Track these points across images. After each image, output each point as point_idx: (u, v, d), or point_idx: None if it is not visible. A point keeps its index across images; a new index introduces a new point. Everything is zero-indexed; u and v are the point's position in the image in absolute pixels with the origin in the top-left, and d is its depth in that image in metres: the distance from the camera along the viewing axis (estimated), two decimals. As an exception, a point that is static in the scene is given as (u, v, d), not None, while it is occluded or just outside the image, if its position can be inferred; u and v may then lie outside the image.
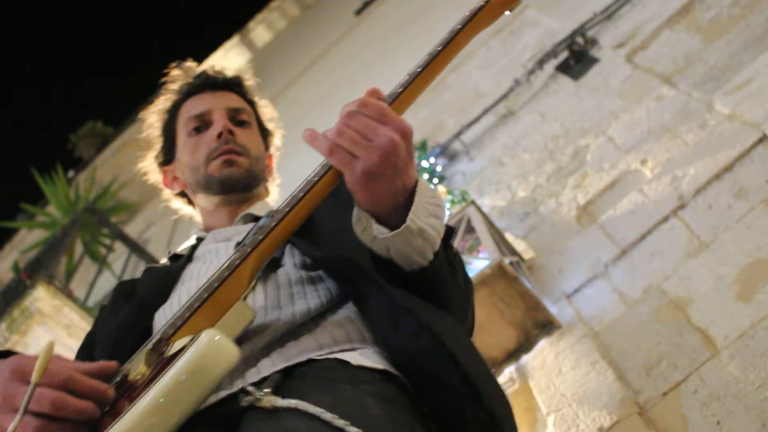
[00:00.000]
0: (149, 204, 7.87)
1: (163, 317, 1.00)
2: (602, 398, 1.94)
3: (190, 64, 1.41)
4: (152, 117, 1.39)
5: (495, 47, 4.17)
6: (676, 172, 2.41)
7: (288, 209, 0.87)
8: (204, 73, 1.37)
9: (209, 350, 0.72)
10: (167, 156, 1.36)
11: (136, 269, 5.29)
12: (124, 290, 1.17)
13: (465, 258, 2.37)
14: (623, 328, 2.12)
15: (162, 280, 1.11)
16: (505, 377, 2.23)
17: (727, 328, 1.89)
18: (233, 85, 1.37)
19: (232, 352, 0.73)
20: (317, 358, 0.84)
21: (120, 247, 5.56)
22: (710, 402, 1.77)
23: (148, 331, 0.99)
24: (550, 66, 3.45)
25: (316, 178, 0.87)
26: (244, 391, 0.80)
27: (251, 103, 1.39)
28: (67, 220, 5.28)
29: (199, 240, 1.23)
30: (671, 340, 1.98)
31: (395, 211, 0.85)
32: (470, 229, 2.54)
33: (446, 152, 3.52)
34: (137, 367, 0.80)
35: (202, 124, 1.29)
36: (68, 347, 3.76)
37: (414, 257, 0.87)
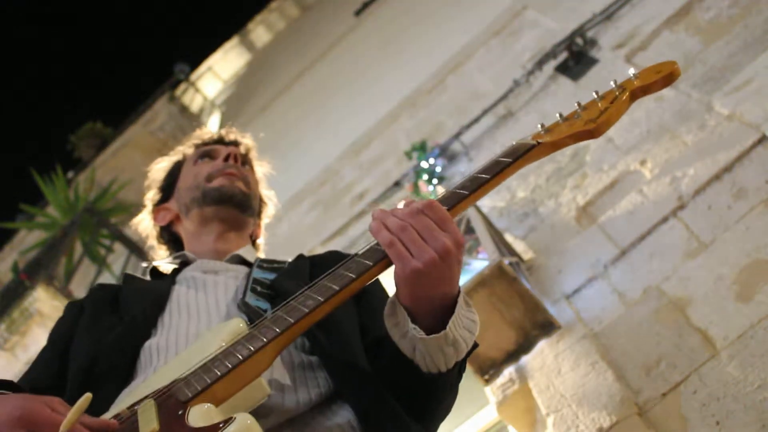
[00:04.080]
0: (149, 205, 7.86)
1: (155, 352, 0.99)
2: (602, 399, 1.94)
3: (204, 130, 1.49)
4: (158, 165, 1.45)
5: (494, 48, 4.17)
6: (675, 173, 2.41)
7: (337, 289, 0.88)
8: (216, 134, 1.45)
9: None
10: (165, 193, 1.40)
11: (136, 270, 5.29)
12: (105, 298, 1.16)
13: (464, 259, 2.37)
14: (623, 329, 2.12)
15: (149, 303, 1.10)
16: (504, 378, 2.23)
17: (726, 329, 1.89)
18: (243, 148, 1.44)
19: None
20: None
21: (119, 248, 5.57)
22: (710, 402, 1.78)
23: (135, 356, 0.99)
24: (550, 67, 3.45)
25: (370, 263, 0.89)
26: None
27: (253, 171, 1.45)
28: (66, 221, 5.28)
29: (183, 264, 1.23)
30: (671, 340, 1.98)
31: (431, 314, 0.88)
32: (470, 230, 2.54)
33: (446, 153, 3.52)
34: (148, 422, 0.77)
35: (210, 157, 1.36)
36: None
37: (439, 363, 0.90)
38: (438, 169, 3.36)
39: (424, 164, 3.38)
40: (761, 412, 1.67)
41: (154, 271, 1.25)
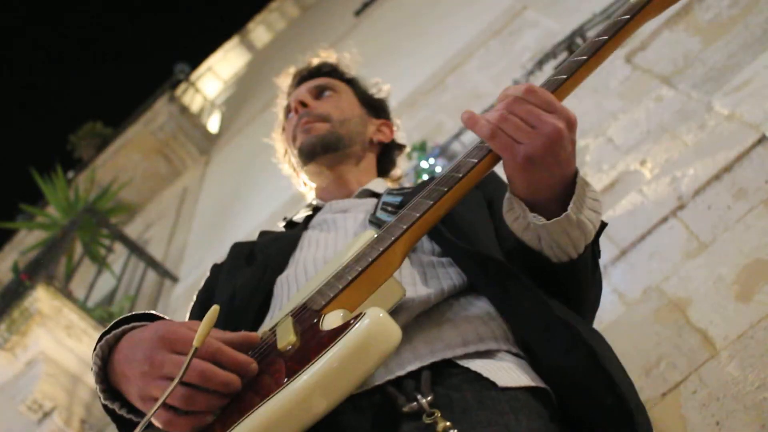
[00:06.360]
0: (149, 205, 7.87)
1: (286, 283, 0.99)
2: (602, 399, 1.95)
3: (311, 59, 1.53)
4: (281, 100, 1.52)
5: (494, 48, 4.17)
6: (675, 173, 2.41)
7: (445, 189, 0.85)
8: (300, 69, 1.49)
9: (376, 330, 0.69)
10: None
11: (136, 270, 5.29)
12: (242, 252, 1.18)
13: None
14: (623, 329, 2.12)
15: (282, 245, 1.11)
16: (504, 378, 2.23)
17: (726, 329, 1.89)
18: (321, 72, 1.46)
19: (397, 334, 0.70)
20: (462, 363, 0.81)
21: (119, 248, 5.58)
22: (710, 402, 1.78)
23: (270, 294, 1.00)
24: (550, 67, 3.45)
25: (475, 161, 0.85)
26: (399, 389, 0.77)
27: (349, 81, 1.46)
28: (66, 221, 5.28)
29: (316, 209, 1.24)
30: (671, 340, 1.98)
31: (551, 201, 0.84)
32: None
33: (446, 153, 3.52)
34: (285, 335, 0.77)
35: (289, 112, 1.41)
36: (68, 348, 3.76)
37: (567, 248, 0.85)
38: (438, 169, 3.36)
39: (424, 164, 3.38)
40: (761, 412, 1.67)
41: (290, 225, 1.27)
